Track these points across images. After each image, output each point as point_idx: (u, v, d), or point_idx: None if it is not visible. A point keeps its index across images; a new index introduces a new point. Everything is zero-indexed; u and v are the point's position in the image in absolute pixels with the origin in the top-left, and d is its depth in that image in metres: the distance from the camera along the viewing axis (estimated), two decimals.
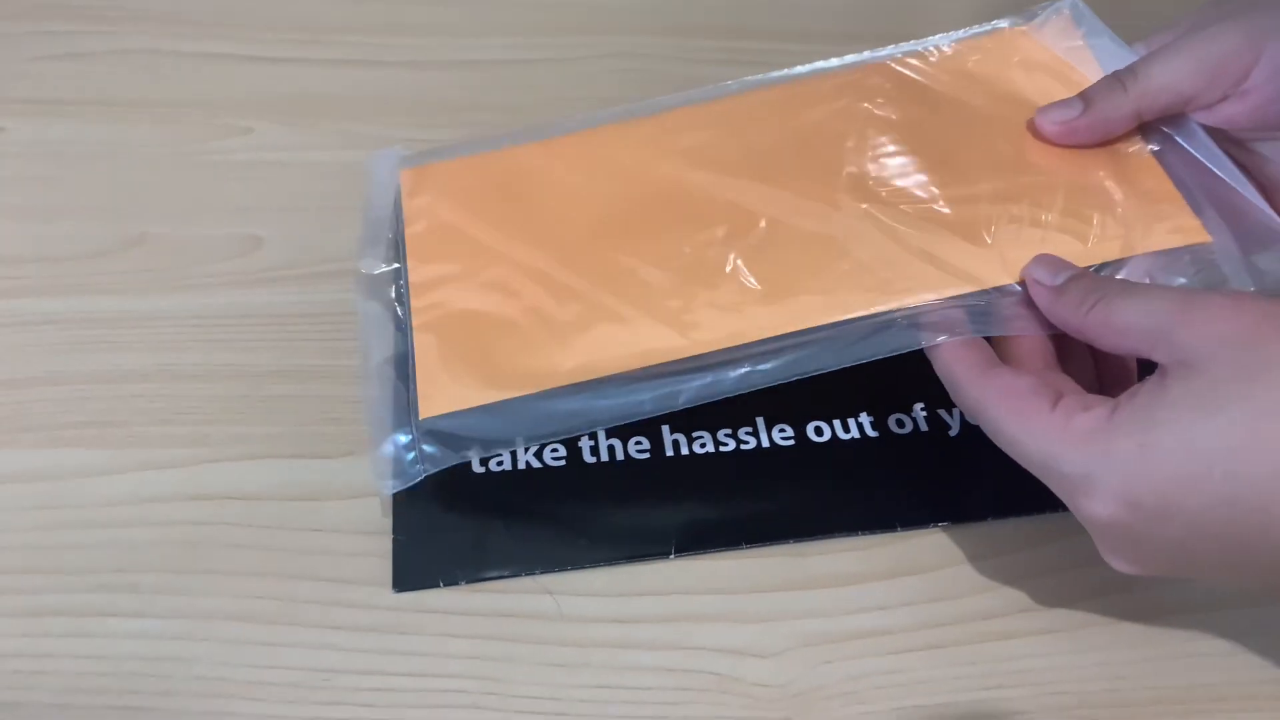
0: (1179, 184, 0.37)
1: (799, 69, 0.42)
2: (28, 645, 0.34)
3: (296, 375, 0.41)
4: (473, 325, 0.36)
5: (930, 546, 0.37)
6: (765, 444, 0.39)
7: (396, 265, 0.38)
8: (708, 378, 0.34)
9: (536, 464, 0.38)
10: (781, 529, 0.37)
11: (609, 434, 0.39)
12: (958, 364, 0.33)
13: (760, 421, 0.40)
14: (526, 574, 0.36)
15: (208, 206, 0.46)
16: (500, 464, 0.38)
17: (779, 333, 0.35)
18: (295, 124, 0.50)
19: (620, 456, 0.39)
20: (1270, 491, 0.27)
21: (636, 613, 0.35)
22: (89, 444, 0.38)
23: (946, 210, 0.37)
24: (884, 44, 0.56)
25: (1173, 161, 0.37)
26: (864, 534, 0.37)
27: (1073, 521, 0.34)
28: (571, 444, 0.39)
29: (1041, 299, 0.34)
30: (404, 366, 0.36)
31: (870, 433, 0.39)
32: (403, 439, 0.35)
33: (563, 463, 0.38)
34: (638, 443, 0.39)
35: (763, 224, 0.37)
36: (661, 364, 0.34)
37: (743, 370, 0.34)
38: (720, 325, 0.35)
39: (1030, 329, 0.34)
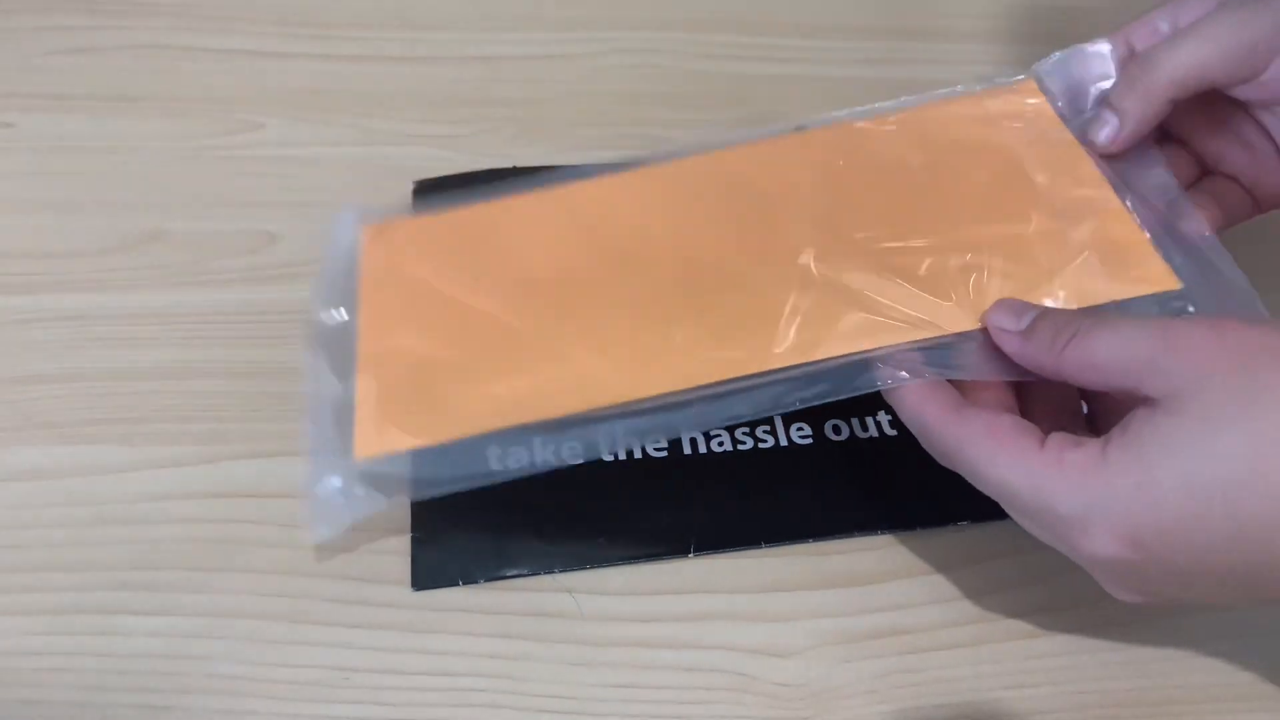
0: (1149, 230, 0.37)
1: (760, 130, 0.42)
2: (47, 643, 0.34)
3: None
4: (416, 369, 0.36)
5: (950, 545, 0.37)
6: (783, 442, 0.39)
7: (349, 317, 0.38)
8: (652, 419, 0.34)
9: (554, 461, 0.38)
10: (800, 528, 0.37)
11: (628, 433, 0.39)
12: (927, 405, 0.32)
13: (778, 420, 0.39)
14: (545, 572, 0.36)
15: (221, 202, 0.46)
16: (518, 461, 0.38)
17: (731, 375, 0.34)
18: (308, 119, 0.50)
19: (638, 455, 0.38)
20: (1273, 526, 0.27)
21: (656, 612, 0.35)
22: (107, 440, 0.38)
23: (906, 261, 0.36)
24: (897, 38, 0.57)
25: (1142, 210, 0.37)
26: (883, 533, 0.37)
27: None
28: (589, 443, 0.38)
29: (1009, 345, 0.33)
30: (347, 413, 0.35)
31: (889, 431, 0.39)
32: (336, 482, 0.34)
33: (580, 460, 0.38)
34: (656, 441, 0.39)
35: (717, 275, 0.37)
36: (606, 407, 0.34)
37: (694, 410, 0.34)
38: (671, 368, 0.35)
39: (996, 374, 0.33)
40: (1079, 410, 0.34)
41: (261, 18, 0.55)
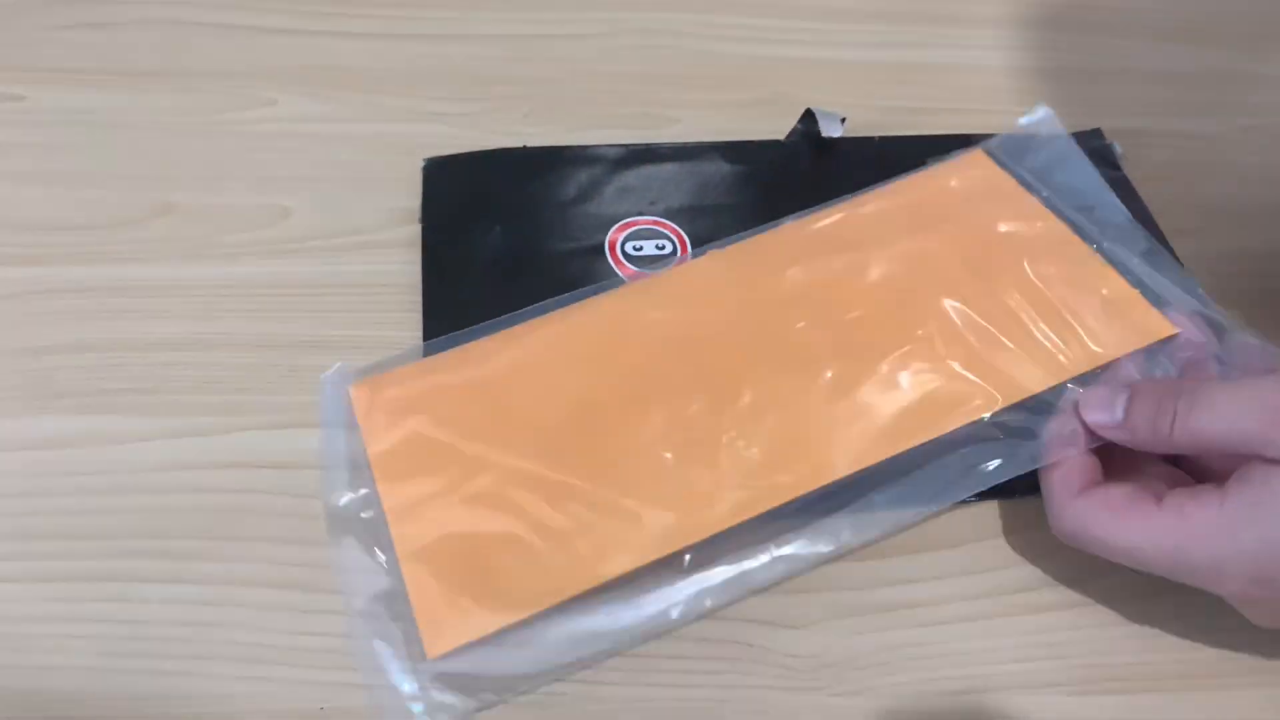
0: (1136, 284, 0.39)
1: (754, 231, 0.42)
2: (63, 610, 0.34)
3: (326, 345, 0.41)
4: (465, 546, 0.33)
5: (960, 521, 0.37)
6: None
7: (364, 490, 0.35)
8: (741, 563, 0.34)
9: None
10: (811, 506, 0.37)
11: None
12: (1057, 487, 0.34)
13: None
14: None
15: (234, 176, 0.46)
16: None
17: (798, 494, 0.35)
18: (320, 95, 0.50)
19: None
20: None
21: None
22: (122, 411, 0.38)
23: (917, 351, 0.38)
24: (909, 22, 0.57)
25: (1125, 264, 0.40)
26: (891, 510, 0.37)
27: None
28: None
29: (1115, 436, 0.35)
30: (395, 604, 0.32)
31: None
32: (406, 688, 0.31)
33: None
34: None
35: (746, 394, 0.37)
36: (680, 550, 0.33)
37: (770, 553, 0.34)
38: (731, 499, 0.34)
39: (1067, 451, 0.35)
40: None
41: None
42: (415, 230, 0.44)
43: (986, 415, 0.36)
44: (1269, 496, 0.30)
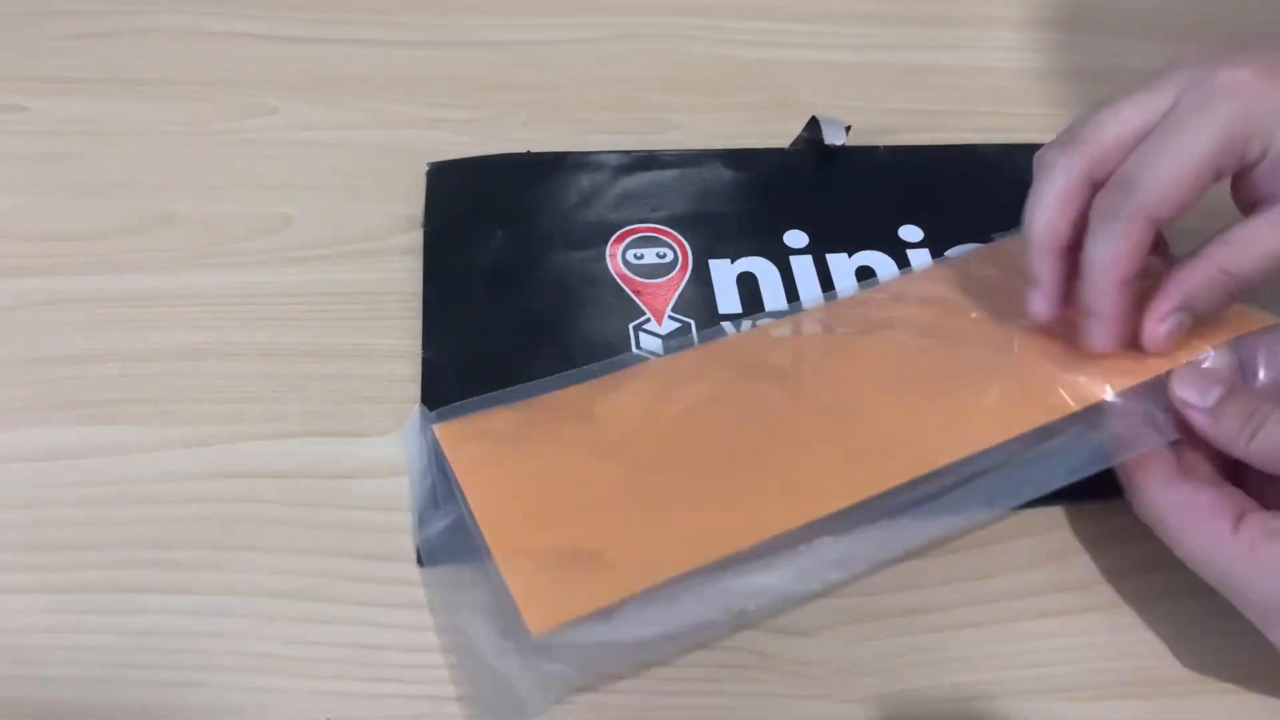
0: None
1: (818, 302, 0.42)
2: (68, 621, 0.34)
3: (329, 354, 0.41)
4: (560, 543, 0.33)
5: (965, 526, 0.37)
6: None
7: (450, 516, 0.35)
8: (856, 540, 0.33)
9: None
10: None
11: None
12: (1142, 471, 0.33)
13: None
14: None
15: (236, 185, 0.46)
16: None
17: (896, 483, 0.34)
18: (321, 102, 0.50)
19: None
20: None
21: None
22: (124, 421, 0.38)
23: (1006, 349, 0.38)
24: (913, 25, 0.56)
25: None
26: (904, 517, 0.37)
27: (1111, 504, 0.34)
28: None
29: (1197, 420, 0.34)
30: (498, 613, 0.32)
31: None
32: (514, 667, 0.31)
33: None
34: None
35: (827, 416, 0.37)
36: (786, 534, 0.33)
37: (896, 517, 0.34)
38: (845, 486, 0.34)
39: (1145, 445, 0.34)
40: None
41: (273, 2, 0.55)
42: (418, 237, 0.44)
43: (1079, 407, 0.35)
44: None
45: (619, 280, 0.43)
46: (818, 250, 0.44)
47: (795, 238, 0.45)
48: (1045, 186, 0.35)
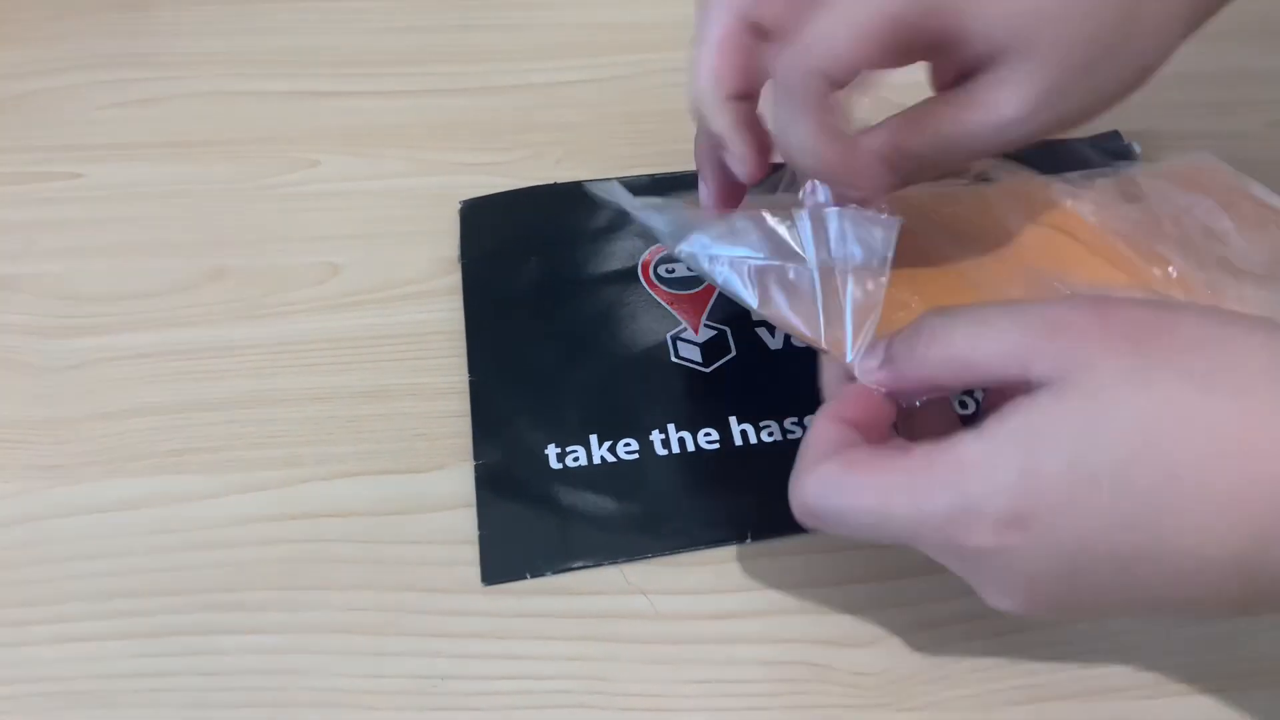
0: None
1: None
2: (149, 665, 0.35)
3: (382, 395, 0.42)
4: None
5: None
6: None
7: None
8: None
9: (611, 459, 0.39)
10: None
11: (679, 427, 0.40)
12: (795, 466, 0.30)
13: None
14: (609, 563, 0.37)
15: (283, 237, 0.48)
16: (576, 459, 0.39)
17: None
18: (360, 154, 0.52)
19: (691, 448, 0.40)
20: (1161, 502, 0.25)
21: (731, 609, 0.36)
22: (190, 470, 0.40)
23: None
24: None
25: None
26: None
27: None
28: (643, 438, 0.40)
29: (881, 378, 0.30)
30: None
31: None
32: None
33: (635, 456, 0.39)
34: (706, 434, 0.40)
35: None
36: None
37: None
38: None
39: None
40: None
41: (309, 60, 0.57)
42: (460, 277, 0.46)
43: None
44: (1033, 426, 0.26)
45: (652, 294, 0.45)
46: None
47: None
48: (708, 28, 0.33)
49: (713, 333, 0.43)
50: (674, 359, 0.42)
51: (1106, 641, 0.35)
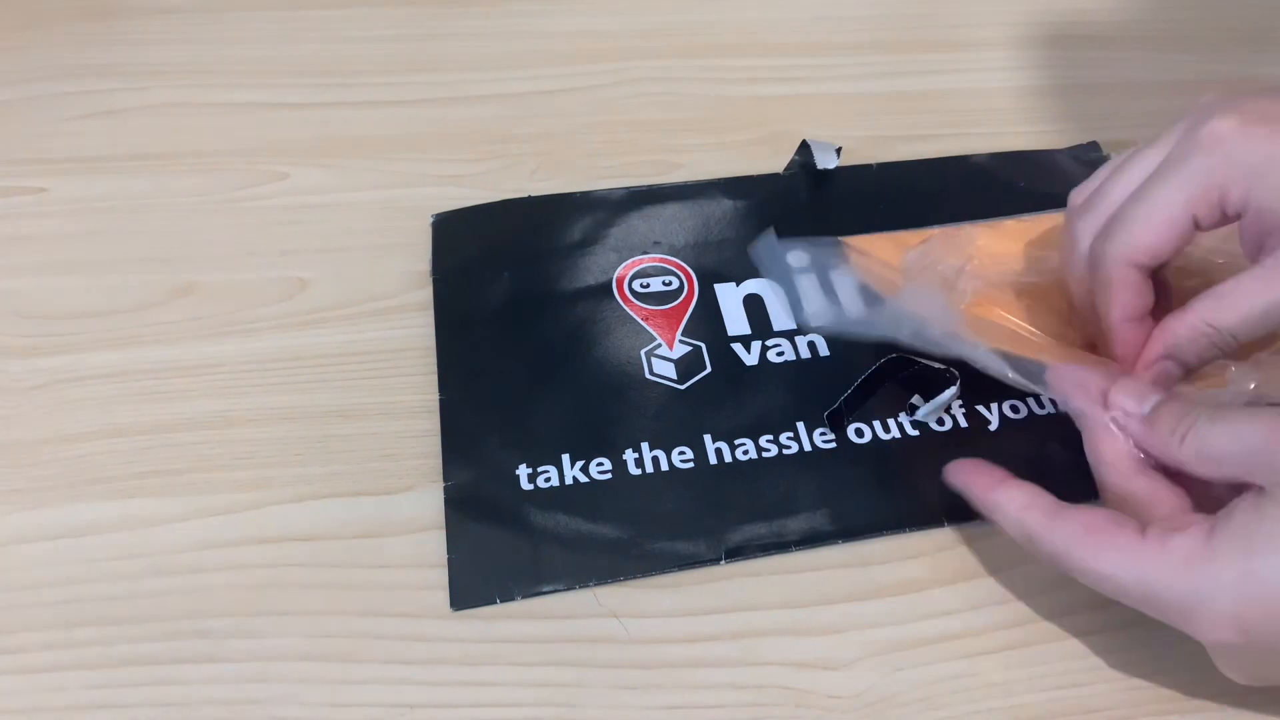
0: None
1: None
2: (109, 696, 0.34)
3: (351, 414, 0.41)
4: None
5: (994, 549, 0.37)
6: (807, 447, 0.39)
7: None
8: None
9: (584, 478, 0.39)
10: (829, 531, 0.37)
11: (653, 445, 0.40)
12: (1027, 514, 0.32)
13: (800, 426, 0.40)
14: (581, 586, 0.36)
15: (251, 252, 0.47)
16: (548, 479, 0.39)
17: None
18: (330, 166, 0.51)
19: (665, 467, 0.39)
20: None
21: (703, 632, 0.35)
22: (153, 493, 0.39)
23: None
24: (907, 51, 0.57)
25: None
26: (912, 531, 0.37)
27: None
28: (617, 457, 0.39)
29: (1133, 427, 0.33)
30: None
31: (911, 432, 0.40)
32: None
33: (608, 476, 0.39)
34: (681, 452, 0.39)
35: None
36: None
37: None
38: None
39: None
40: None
41: (274, 70, 0.56)
42: (432, 291, 0.45)
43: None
44: (1255, 529, 0.28)
45: (627, 309, 0.44)
46: (821, 268, 0.45)
47: (797, 258, 0.45)
48: (1103, 278, 0.36)
49: (688, 349, 0.43)
50: (648, 375, 0.42)
51: (1083, 662, 0.34)
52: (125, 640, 0.35)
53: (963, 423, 0.40)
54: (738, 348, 0.43)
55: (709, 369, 0.42)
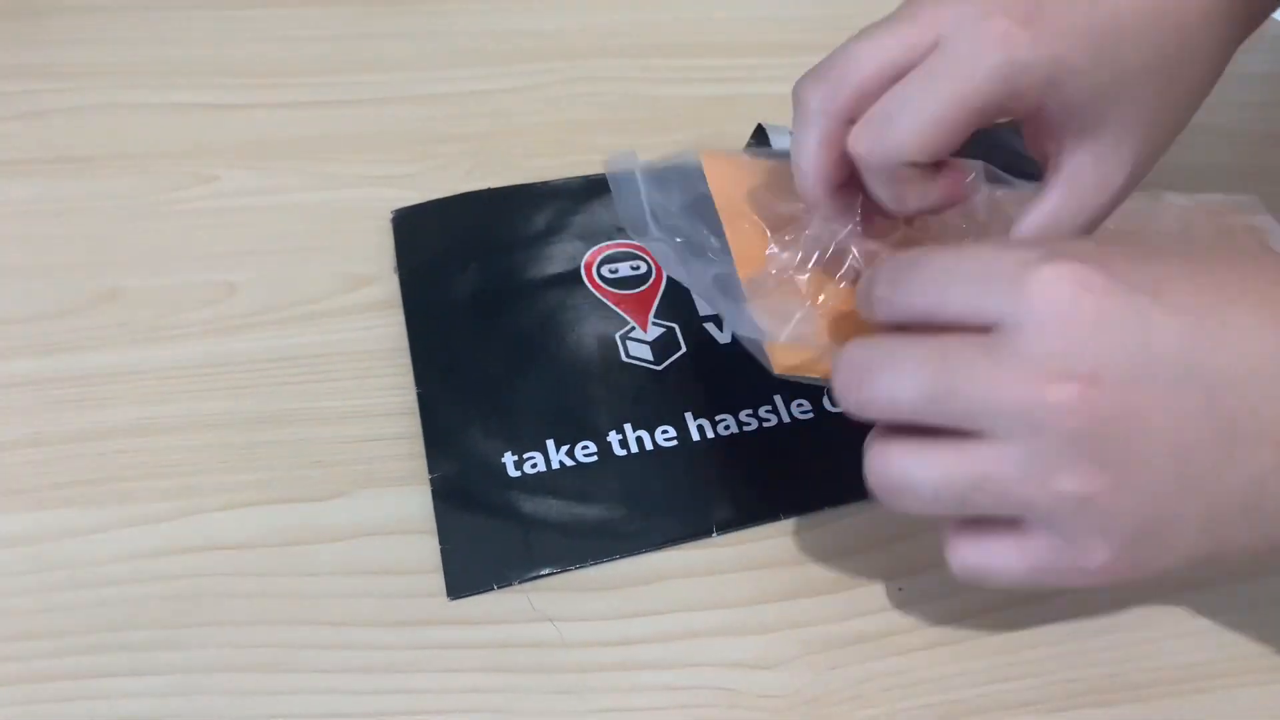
0: None
1: None
2: (25, 713, 0.33)
3: (279, 420, 0.40)
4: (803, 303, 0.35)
5: (929, 548, 0.37)
6: (786, 419, 0.40)
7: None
8: None
9: (570, 462, 0.39)
10: (814, 497, 0.38)
11: (636, 426, 0.40)
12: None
13: (779, 399, 0.41)
14: (576, 567, 0.36)
15: (179, 256, 0.46)
16: (534, 465, 0.39)
17: None
18: (261, 168, 0.50)
19: (649, 446, 0.39)
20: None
21: (638, 634, 0.35)
22: (75, 504, 0.38)
23: None
24: None
25: None
26: None
27: None
28: (601, 440, 0.39)
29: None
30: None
31: None
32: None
33: (594, 458, 0.39)
34: (664, 431, 0.40)
35: None
36: None
37: None
38: None
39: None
40: None
41: (205, 71, 0.55)
42: (367, 295, 0.44)
43: None
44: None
45: (598, 294, 0.44)
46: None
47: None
48: (807, 132, 0.34)
49: (661, 330, 0.43)
50: (625, 359, 0.42)
51: (1015, 656, 0.35)
52: (45, 655, 0.34)
53: None
54: (710, 327, 0.43)
55: (684, 349, 0.42)
